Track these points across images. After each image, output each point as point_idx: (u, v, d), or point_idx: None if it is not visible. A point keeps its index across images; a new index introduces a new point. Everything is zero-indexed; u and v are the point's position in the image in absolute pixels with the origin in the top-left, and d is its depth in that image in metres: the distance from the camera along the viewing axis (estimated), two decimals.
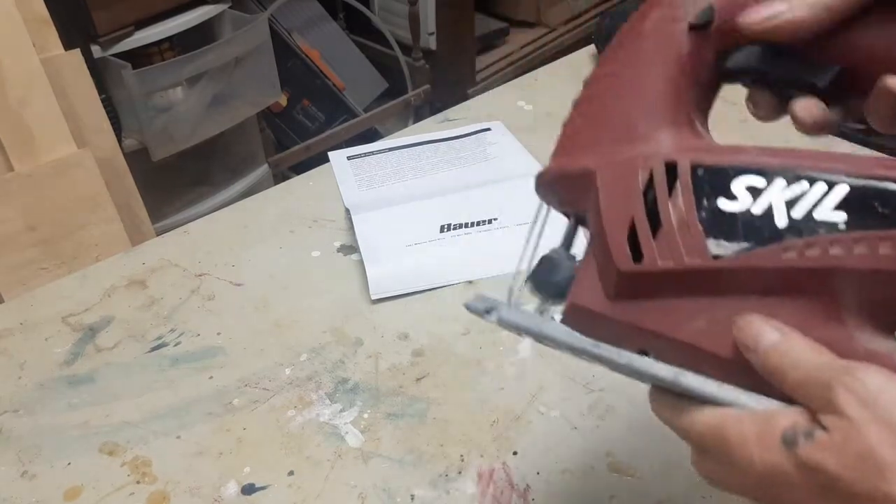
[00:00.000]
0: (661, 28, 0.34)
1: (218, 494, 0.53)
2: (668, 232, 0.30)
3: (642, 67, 0.34)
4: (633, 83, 0.34)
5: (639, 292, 0.31)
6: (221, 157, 1.71)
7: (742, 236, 0.29)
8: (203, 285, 0.72)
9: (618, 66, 0.35)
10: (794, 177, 0.28)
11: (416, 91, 1.99)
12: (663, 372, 0.30)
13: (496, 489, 0.52)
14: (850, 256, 0.26)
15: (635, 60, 0.34)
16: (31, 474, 0.55)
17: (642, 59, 0.34)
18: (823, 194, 0.28)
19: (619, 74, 0.35)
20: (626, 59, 0.35)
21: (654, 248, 0.30)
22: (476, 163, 0.86)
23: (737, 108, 1.03)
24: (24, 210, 1.09)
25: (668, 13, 0.34)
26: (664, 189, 0.30)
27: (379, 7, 2.11)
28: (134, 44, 1.38)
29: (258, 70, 1.56)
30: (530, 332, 0.34)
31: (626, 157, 0.32)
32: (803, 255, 0.27)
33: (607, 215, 0.32)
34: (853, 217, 0.27)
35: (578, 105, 0.36)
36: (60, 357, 0.65)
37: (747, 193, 0.29)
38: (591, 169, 0.33)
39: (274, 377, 0.62)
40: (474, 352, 0.63)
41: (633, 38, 0.35)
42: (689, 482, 0.52)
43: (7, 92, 1.06)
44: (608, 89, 0.35)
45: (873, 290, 0.26)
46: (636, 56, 0.34)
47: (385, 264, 0.71)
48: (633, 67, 0.34)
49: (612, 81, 0.35)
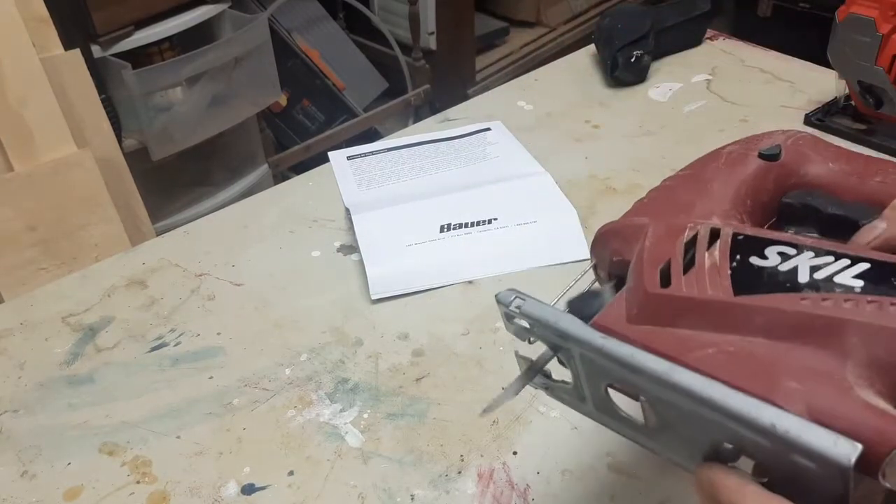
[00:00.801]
0: (737, 152, 0.43)
1: (218, 494, 0.53)
2: (699, 271, 0.33)
3: (714, 174, 0.41)
4: (703, 183, 0.41)
5: (658, 318, 0.33)
6: (221, 157, 1.71)
7: (765, 286, 0.32)
8: (203, 285, 0.72)
9: (695, 171, 0.43)
10: (823, 251, 0.32)
11: (416, 91, 1.99)
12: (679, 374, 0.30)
13: (496, 489, 0.52)
14: (861, 312, 0.29)
15: (710, 170, 0.42)
16: (31, 474, 0.55)
17: (716, 170, 0.42)
18: (846, 266, 0.31)
19: (693, 176, 0.42)
20: (702, 167, 0.43)
21: (683, 279, 0.34)
22: (476, 163, 0.86)
23: (737, 108, 1.03)
24: (24, 210, 1.09)
25: (744, 146, 0.43)
26: (704, 243, 0.35)
27: (379, 7, 2.11)
28: (134, 44, 1.38)
29: (258, 70, 1.56)
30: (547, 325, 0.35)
31: (679, 221, 0.37)
32: (818, 305, 0.30)
33: (648, 252, 0.36)
34: (869, 285, 0.30)
35: (653, 190, 0.43)
36: (60, 357, 0.65)
37: (778, 256, 0.33)
38: (647, 223, 0.38)
39: (274, 377, 0.62)
40: (474, 352, 0.63)
41: (712, 156, 0.43)
42: (690, 482, 0.51)
43: (7, 92, 1.06)
44: (681, 183, 0.42)
45: (880, 346, 0.28)
46: (711, 167, 0.42)
47: (385, 264, 0.71)
48: (706, 173, 0.42)
49: (686, 179, 0.42)
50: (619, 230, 0.41)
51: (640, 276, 0.35)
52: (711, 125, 0.90)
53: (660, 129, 0.90)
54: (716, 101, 0.94)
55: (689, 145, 0.87)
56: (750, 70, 1.00)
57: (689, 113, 0.93)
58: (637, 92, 0.98)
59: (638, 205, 0.42)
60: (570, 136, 0.90)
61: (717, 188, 0.40)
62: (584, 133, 0.91)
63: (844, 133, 0.85)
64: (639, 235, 0.38)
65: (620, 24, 1.00)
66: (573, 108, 0.95)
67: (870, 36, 0.77)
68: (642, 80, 0.99)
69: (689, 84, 0.98)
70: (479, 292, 0.69)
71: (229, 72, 1.50)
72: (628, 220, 0.41)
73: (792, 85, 0.96)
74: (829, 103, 0.89)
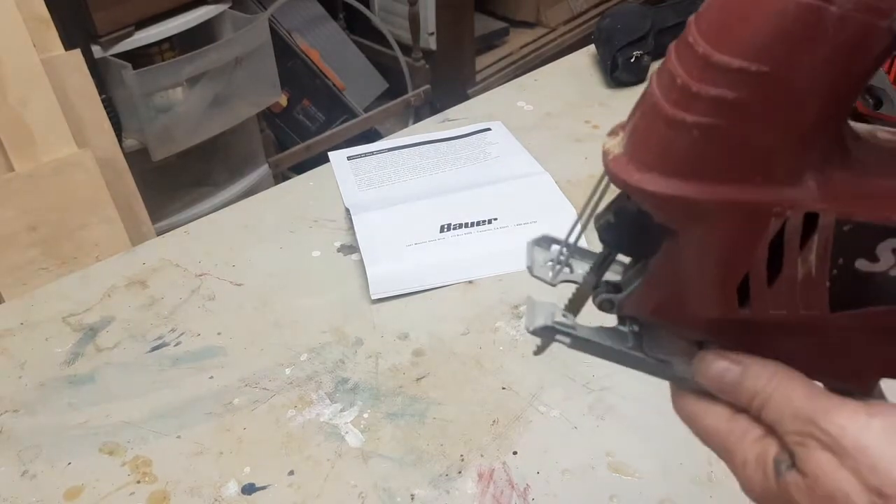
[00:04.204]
0: (852, 19, 0.23)
1: (218, 494, 0.53)
2: (789, 283, 0.27)
3: (810, 75, 0.24)
4: (789, 97, 0.24)
5: (732, 339, 0.29)
6: (222, 157, 1.71)
7: (870, 297, 0.26)
8: (203, 285, 0.72)
9: (770, 65, 0.24)
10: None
11: (416, 91, 1.99)
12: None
13: (496, 489, 0.52)
14: None
15: (801, 65, 0.24)
16: (32, 474, 0.55)
17: (813, 66, 0.24)
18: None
19: (772, 78, 0.24)
20: (785, 56, 0.24)
21: (769, 297, 0.27)
22: (476, 163, 0.86)
23: None
24: (24, 210, 1.09)
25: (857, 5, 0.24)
26: (795, 244, 0.26)
27: (379, 7, 2.11)
28: (134, 44, 1.38)
29: (258, 70, 1.56)
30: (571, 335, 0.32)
31: (759, 199, 0.26)
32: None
33: (721, 262, 0.27)
34: None
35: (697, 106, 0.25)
36: (61, 357, 0.65)
37: (892, 255, 0.26)
38: (713, 204, 0.26)
39: (274, 377, 0.62)
40: (474, 352, 0.63)
41: (798, 28, 0.23)
42: (690, 482, 0.52)
43: (7, 92, 1.06)
44: (750, 103, 0.24)
45: None
46: (804, 60, 0.24)
47: (385, 264, 0.71)
48: (794, 73, 0.24)
49: (758, 90, 0.24)
50: (670, 203, 0.26)
51: (705, 292, 0.28)
52: None
53: None
54: None
55: None
56: None
57: None
58: (637, 92, 0.97)
59: (683, 145, 0.26)
60: (570, 136, 0.90)
61: (810, 108, 0.24)
62: (584, 133, 0.91)
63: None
64: (695, 215, 0.26)
65: (620, 24, 1.00)
66: (573, 109, 0.96)
67: None
68: (642, 81, 0.99)
69: None
70: (479, 292, 0.69)
71: (230, 72, 1.50)
72: (686, 191, 0.26)
73: None
74: None
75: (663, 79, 0.26)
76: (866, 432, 0.24)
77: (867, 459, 0.24)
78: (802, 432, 0.26)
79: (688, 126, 0.25)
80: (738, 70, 0.24)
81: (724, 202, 0.26)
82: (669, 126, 0.25)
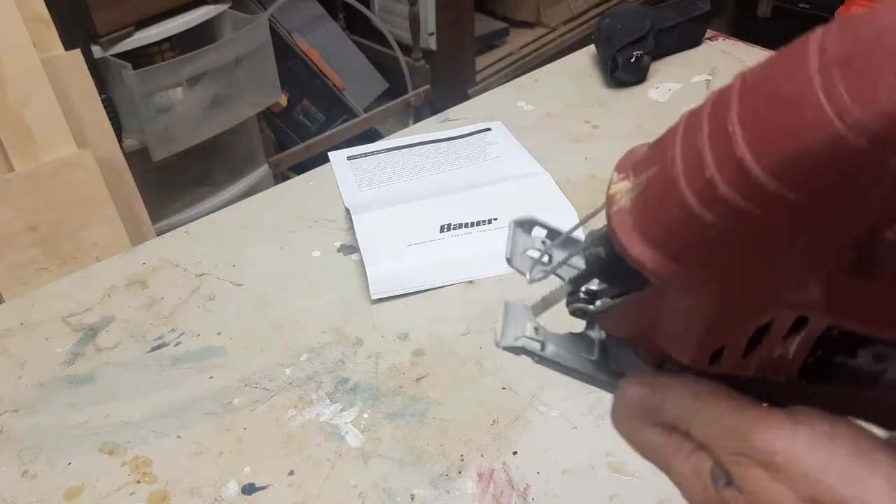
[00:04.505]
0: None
1: (218, 494, 0.53)
2: (763, 358, 0.26)
3: (853, 207, 0.20)
4: (823, 231, 0.21)
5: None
6: (222, 157, 1.71)
7: (840, 379, 0.26)
8: (203, 285, 0.72)
9: (813, 199, 0.20)
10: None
11: (416, 91, 2.00)
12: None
13: (496, 489, 0.52)
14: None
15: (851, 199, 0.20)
16: (32, 474, 0.55)
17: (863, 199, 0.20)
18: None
19: (810, 210, 0.20)
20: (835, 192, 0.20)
21: (741, 363, 0.27)
22: (476, 163, 0.86)
23: None
24: (24, 210, 1.09)
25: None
26: (779, 335, 0.25)
27: (379, 7, 2.11)
28: (134, 44, 1.38)
29: (258, 70, 1.56)
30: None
31: (758, 298, 0.24)
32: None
33: (702, 332, 0.26)
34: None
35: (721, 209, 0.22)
36: (61, 357, 0.65)
37: (871, 359, 0.26)
38: (712, 293, 0.25)
39: (274, 377, 0.62)
40: (474, 352, 0.63)
41: (864, 167, 0.19)
42: None
43: (7, 92, 1.06)
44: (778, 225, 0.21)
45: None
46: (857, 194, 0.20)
47: (385, 264, 0.71)
48: (837, 208, 0.20)
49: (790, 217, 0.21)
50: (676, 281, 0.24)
51: (679, 346, 0.27)
52: None
53: (659, 129, 0.90)
54: None
55: None
56: None
57: None
58: (637, 92, 0.98)
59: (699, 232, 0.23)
60: (569, 136, 0.90)
61: (848, 239, 0.21)
62: (584, 133, 0.91)
63: None
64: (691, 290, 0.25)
65: (620, 24, 1.00)
66: (573, 109, 0.96)
67: None
68: (642, 81, 0.99)
69: (689, 84, 0.98)
70: (479, 292, 0.69)
71: (230, 72, 1.50)
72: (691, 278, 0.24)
73: None
74: None
75: (690, 154, 0.23)
76: (793, 443, 0.24)
77: (798, 470, 0.24)
78: (735, 451, 0.26)
79: (705, 225, 0.22)
80: (773, 193, 0.20)
81: (724, 293, 0.24)
82: (686, 215, 0.23)
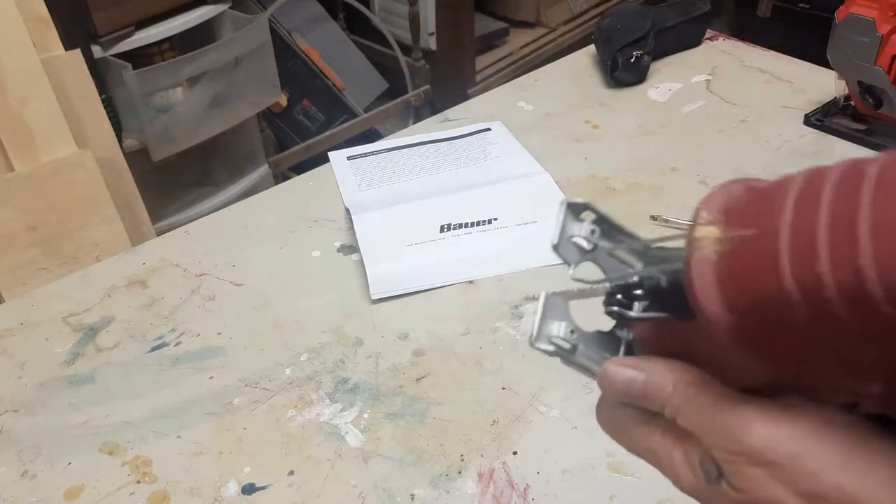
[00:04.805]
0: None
1: (218, 494, 0.53)
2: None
3: None
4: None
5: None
6: (222, 157, 1.71)
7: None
8: (203, 285, 0.72)
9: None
10: None
11: (416, 91, 2.00)
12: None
13: (496, 489, 0.52)
14: None
15: None
16: (32, 474, 0.55)
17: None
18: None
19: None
20: None
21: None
22: (476, 163, 0.86)
23: (737, 108, 1.02)
24: (24, 210, 1.09)
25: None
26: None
27: (379, 7, 2.11)
28: (134, 44, 1.38)
29: (258, 70, 1.56)
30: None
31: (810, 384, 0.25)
32: None
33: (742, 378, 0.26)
34: None
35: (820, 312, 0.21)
36: (61, 357, 0.65)
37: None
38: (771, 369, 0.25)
39: (274, 377, 0.62)
40: (474, 352, 0.63)
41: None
42: None
43: (7, 92, 1.06)
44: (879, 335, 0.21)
45: None
46: None
47: (385, 264, 0.71)
48: None
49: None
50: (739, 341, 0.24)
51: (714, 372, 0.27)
52: (711, 125, 0.90)
53: (659, 129, 0.90)
54: (715, 101, 0.95)
55: (688, 146, 0.87)
56: (750, 70, 1.00)
57: (689, 113, 0.93)
58: (637, 92, 0.98)
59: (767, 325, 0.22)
60: (569, 137, 0.90)
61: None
62: (584, 133, 0.91)
63: (844, 133, 0.85)
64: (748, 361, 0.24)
65: (620, 24, 1.00)
66: (573, 109, 0.96)
67: (869, 36, 0.77)
68: (642, 81, 0.99)
69: (689, 84, 0.98)
70: (479, 292, 0.69)
71: (230, 72, 1.50)
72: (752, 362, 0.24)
73: (791, 85, 0.96)
74: (828, 103, 0.89)
75: (801, 234, 0.21)
76: (791, 440, 0.24)
77: (797, 466, 0.24)
78: (729, 450, 0.25)
79: (795, 314, 0.21)
80: (884, 314, 0.20)
81: (784, 372, 0.24)
82: (778, 299, 0.21)
